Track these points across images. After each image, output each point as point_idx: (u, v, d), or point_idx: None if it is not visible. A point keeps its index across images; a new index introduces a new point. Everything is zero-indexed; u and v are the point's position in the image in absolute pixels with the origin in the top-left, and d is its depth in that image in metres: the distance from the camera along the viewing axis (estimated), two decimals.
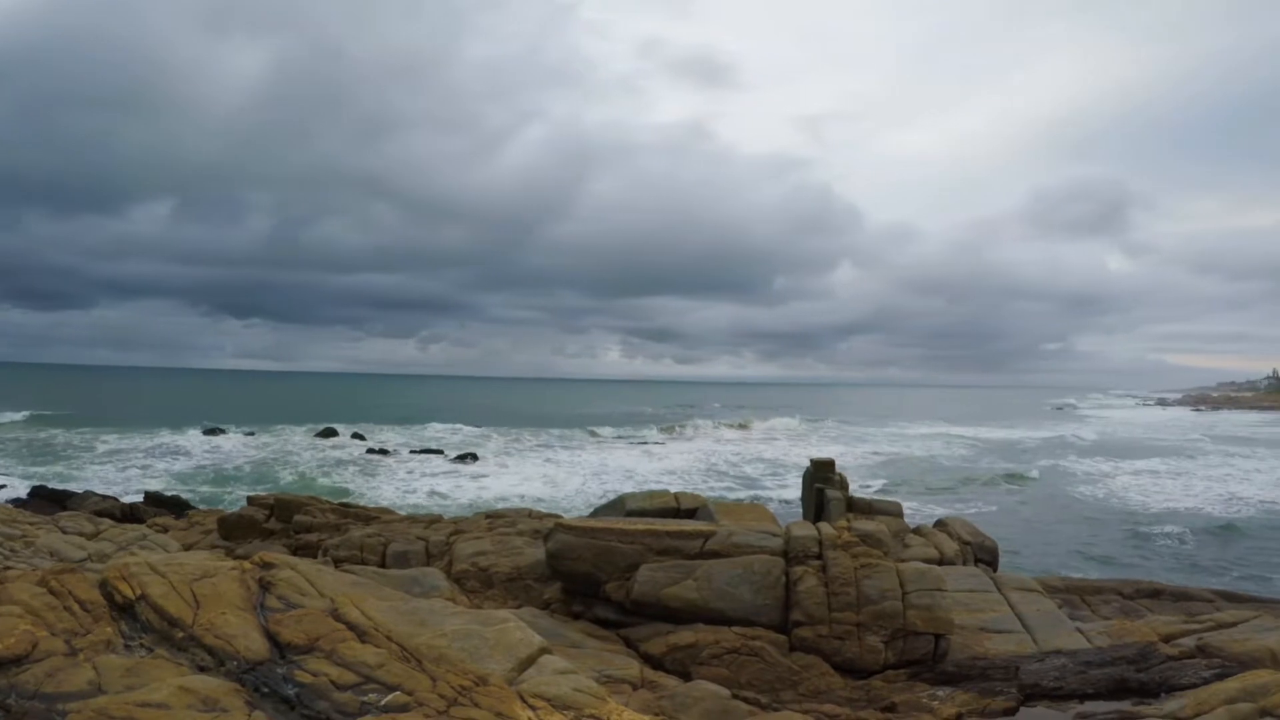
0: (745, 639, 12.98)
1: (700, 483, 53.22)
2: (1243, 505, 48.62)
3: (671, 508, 19.36)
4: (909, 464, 67.47)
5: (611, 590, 14.15)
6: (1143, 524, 41.22)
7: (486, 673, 7.63)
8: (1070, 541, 36.53)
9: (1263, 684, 11.51)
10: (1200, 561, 33.36)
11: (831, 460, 24.41)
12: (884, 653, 13.29)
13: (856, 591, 13.67)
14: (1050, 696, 12.10)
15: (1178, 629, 15.72)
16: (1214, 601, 20.83)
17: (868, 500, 23.99)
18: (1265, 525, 42.10)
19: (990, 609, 15.98)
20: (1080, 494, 51.66)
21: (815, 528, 15.03)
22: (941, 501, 46.29)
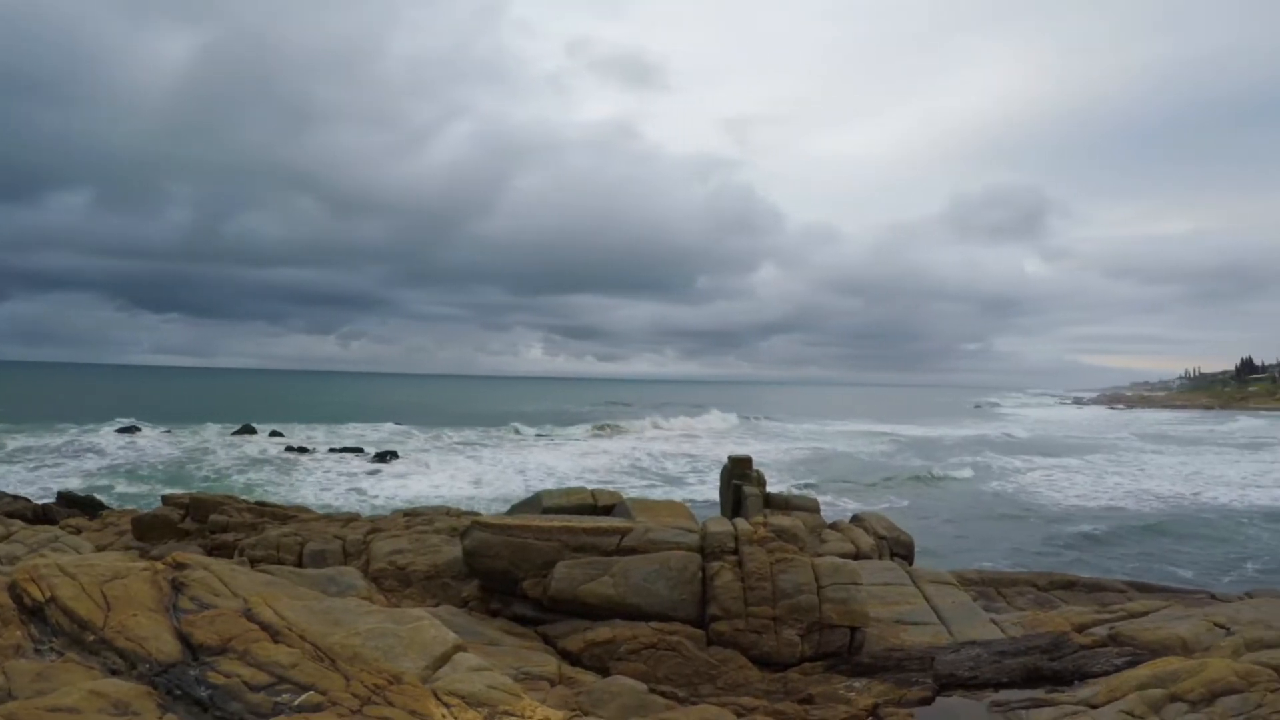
0: (662, 634, 13.06)
1: (623, 480, 53.32)
2: (1154, 500, 50.03)
3: (588, 505, 19.40)
4: (829, 461, 68.23)
5: (529, 588, 14.16)
6: (1058, 519, 42.23)
7: (400, 671, 7.60)
8: (987, 536, 37.23)
9: (1173, 670, 11.84)
10: (1113, 554, 34.17)
11: (749, 457, 24.59)
12: (800, 645, 13.46)
13: (772, 586, 13.82)
14: (965, 686, 12.32)
15: (1091, 619, 16.07)
16: (1126, 592, 21.39)
17: (785, 497, 24.22)
18: (1176, 519, 43.42)
19: (906, 602, 16.24)
20: (997, 490, 52.69)
21: (731, 524, 15.18)
22: (860, 498, 46.90)
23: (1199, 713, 10.63)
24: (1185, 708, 10.77)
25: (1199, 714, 10.59)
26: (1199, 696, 11.00)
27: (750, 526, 15.03)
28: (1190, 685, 11.26)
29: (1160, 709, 10.79)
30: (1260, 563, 33.45)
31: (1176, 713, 10.66)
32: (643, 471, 59.27)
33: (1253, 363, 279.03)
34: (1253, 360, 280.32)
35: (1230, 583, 28.83)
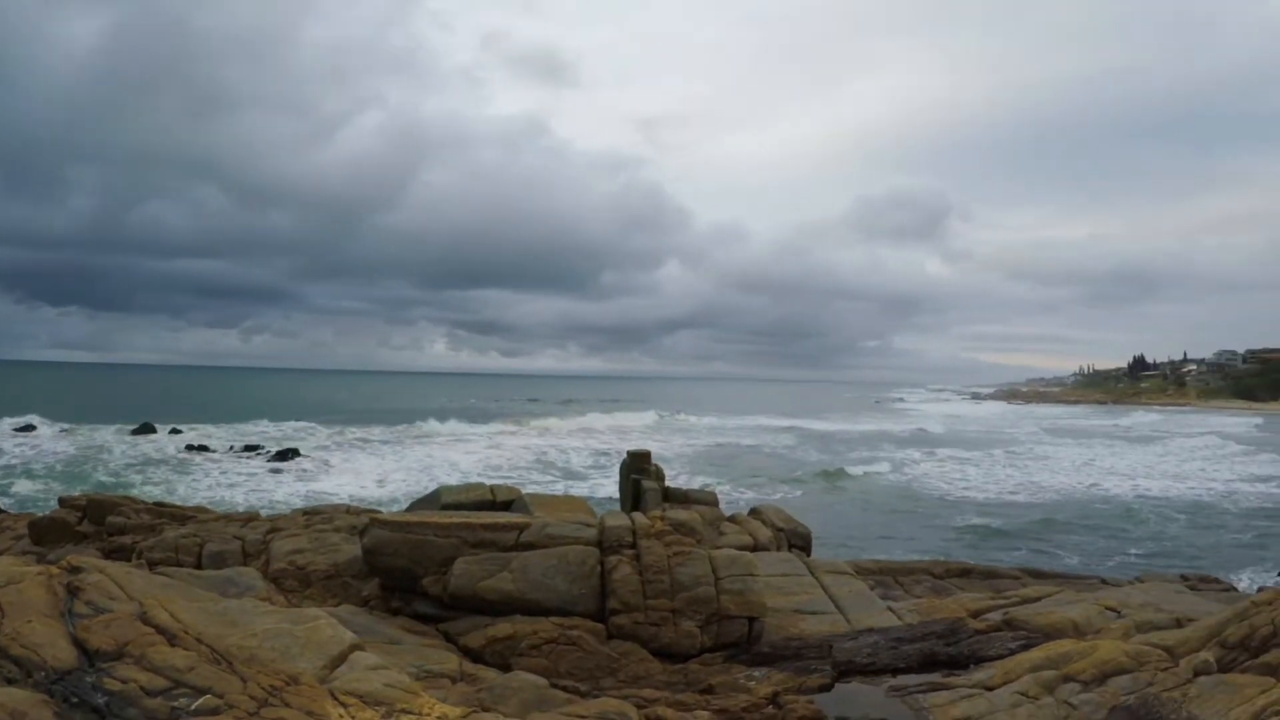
0: (563, 629, 13.06)
1: (527, 476, 53.09)
2: (1048, 491, 51.58)
3: (487, 500, 19.28)
4: (730, 455, 68.80)
5: (429, 585, 14.04)
6: (955, 510, 43.19)
7: (298, 672, 7.54)
8: (885, 527, 37.93)
9: (1065, 652, 12.19)
10: (1007, 542, 35.04)
11: (648, 452, 24.68)
12: (700, 637, 13.58)
13: (670, 579, 13.91)
14: (864, 672, 12.54)
15: (985, 604, 16.47)
16: (1020, 578, 21.92)
17: (684, 490, 24.31)
18: (1068, 508, 44.75)
19: (804, 592, 16.44)
20: (896, 482, 53.66)
21: (629, 517, 15.23)
22: (760, 490, 47.36)
23: (1091, 692, 10.95)
24: (1078, 688, 11.08)
25: (1091, 693, 10.91)
26: (1091, 677, 11.34)
27: (648, 520, 15.07)
28: (1082, 666, 11.60)
29: (1054, 689, 11.09)
30: (1143, 548, 34.86)
31: (1070, 693, 10.97)
32: (547, 467, 59.11)
33: (1145, 361, 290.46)
34: (1145, 359, 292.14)
35: (1113, 567, 30.02)
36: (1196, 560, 31.37)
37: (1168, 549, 34.86)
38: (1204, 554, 33.63)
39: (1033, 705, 10.71)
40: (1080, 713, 10.46)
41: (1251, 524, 41.16)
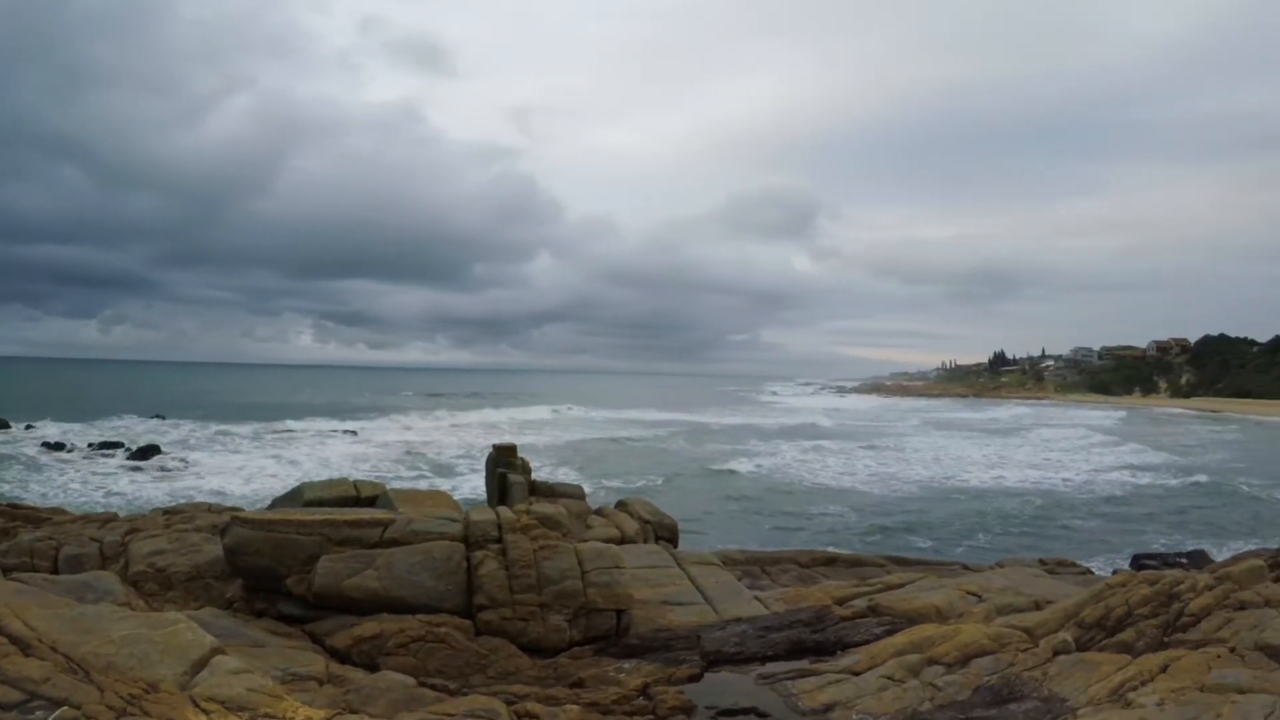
0: (430, 626, 12.93)
1: (394, 471, 52.37)
2: (909, 480, 53.30)
3: (351, 496, 18.91)
4: (599, 448, 68.92)
5: (293, 585, 13.75)
6: (820, 499, 43.98)
7: (157, 679, 7.36)
8: (752, 518, 38.48)
9: (928, 636, 12.58)
10: (874, 530, 35.83)
11: (513, 445, 24.53)
12: (568, 631, 13.62)
13: (537, 573, 13.92)
14: (732, 661, 12.73)
15: (850, 592, 16.85)
16: (885, 566, 22.49)
17: (550, 484, 24.22)
18: (926, 495, 46.33)
19: (671, 583, 16.58)
20: (762, 473, 54.41)
21: (495, 512, 15.19)
22: (627, 483, 47.51)
23: (955, 674, 11.32)
24: (942, 670, 11.45)
25: (955, 675, 11.28)
26: (954, 659, 11.73)
27: (514, 514, 15.06)
28: (946, 649, 11.99)
29: (919, 672, 11.43)
30: (991, 533, 36.26)
31: (934, 675, 11.32)
32: (415, 462, 58.34)
33: (1005, 356, 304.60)
34: (1005, 354, 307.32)
35: (963, 552, 31.22)
36: (1053, 545, 32.54)
37: (1026, 535, 36.22)
38: (1060, 539, 34.97)
39: (899, 688, 11.01)
40: (945, 694, 10.79)
41: (1106, 511, 43.27)
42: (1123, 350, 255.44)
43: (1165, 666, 10.63)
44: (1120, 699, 9.82)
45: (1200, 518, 42.14)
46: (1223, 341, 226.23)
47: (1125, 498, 48.03)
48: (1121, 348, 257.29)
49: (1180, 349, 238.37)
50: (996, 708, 10.24)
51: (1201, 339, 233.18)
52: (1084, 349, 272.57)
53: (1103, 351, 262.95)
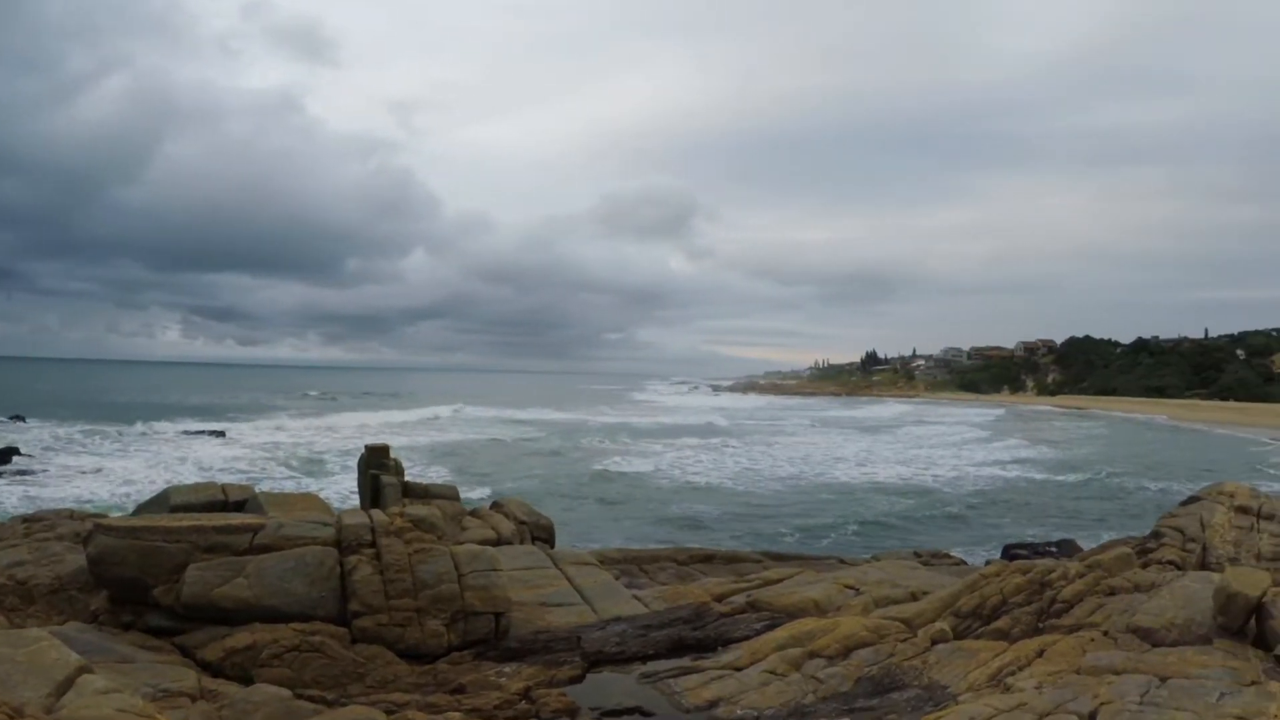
0: (304, 635, 12.56)
1: (265, 473, 50.99)
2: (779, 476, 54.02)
3: (219, 500, 18.28)
4: (473, 447, 68.24)
5: (161, 595, 13.20)
6: (694, 497, 44.28)
7: (21, 702, 6.95)
8: (629, 516, 38.52)
9: (808, 630, 12.73)
10: (747, 526, 36.22)
11: (386, 446, 24.06)
12: (446, 635, 13.37)
13: (412, 577, 13.63)
14: (614, 661, 12.70)
15: (729, 588, 16.97)
16: (762, 562, 22.72)
17: (424, 485, 23.82)
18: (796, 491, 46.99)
19: (549, 584, 16.48)
20: (639, 472, 54.47)
21: (368, 515, 14.83)
22: (502, 483, 47.10)
23: (837, 666, 11.49)
24: (823, 663, 11.60)
25: (837, 667, 11.44)
26: (835, 652, 11.90)
27: (387, 517, 14.73)
28: (826, 642, 12.15)
29: (800, 666, 11.56)
30: (856, 526, 37.07)
31: (816, 668, 11.46)
32: (285, 463, 56.93)
33: (877, 355, 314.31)
34: (877, 353, 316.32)
35: (829, 545, 31.83)
36: (925, 539, 33.24)
37: (897, 529, 36.98)
38: (933, 533, 35.76)
39: (782, 682, 11.11)
40: (828, 686, 10.92)
41: (977, 504, 44.63)
42: (991, 350, 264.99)
43: (1041, 651, 10.95)
44: (999, 684, 10.07)
45: (1068, 509, 43.82)
46: (1087, 342, 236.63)
47: (995, 491, 49.66)
48: (990, 348, 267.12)
49: (1047, 350, 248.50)
50: (879, 697, 10.40)
51: (1067, 340, 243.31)
52: (954, 349, 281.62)
53: (972, 352, 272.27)
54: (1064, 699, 9.00)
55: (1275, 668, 9.94)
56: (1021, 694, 9.34)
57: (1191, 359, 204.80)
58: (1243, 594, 11.26)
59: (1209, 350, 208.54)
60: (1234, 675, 9.58)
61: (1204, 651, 10.56)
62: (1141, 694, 9.05)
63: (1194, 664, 9.97)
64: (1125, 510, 43.04)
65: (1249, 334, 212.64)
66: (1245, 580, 11.73)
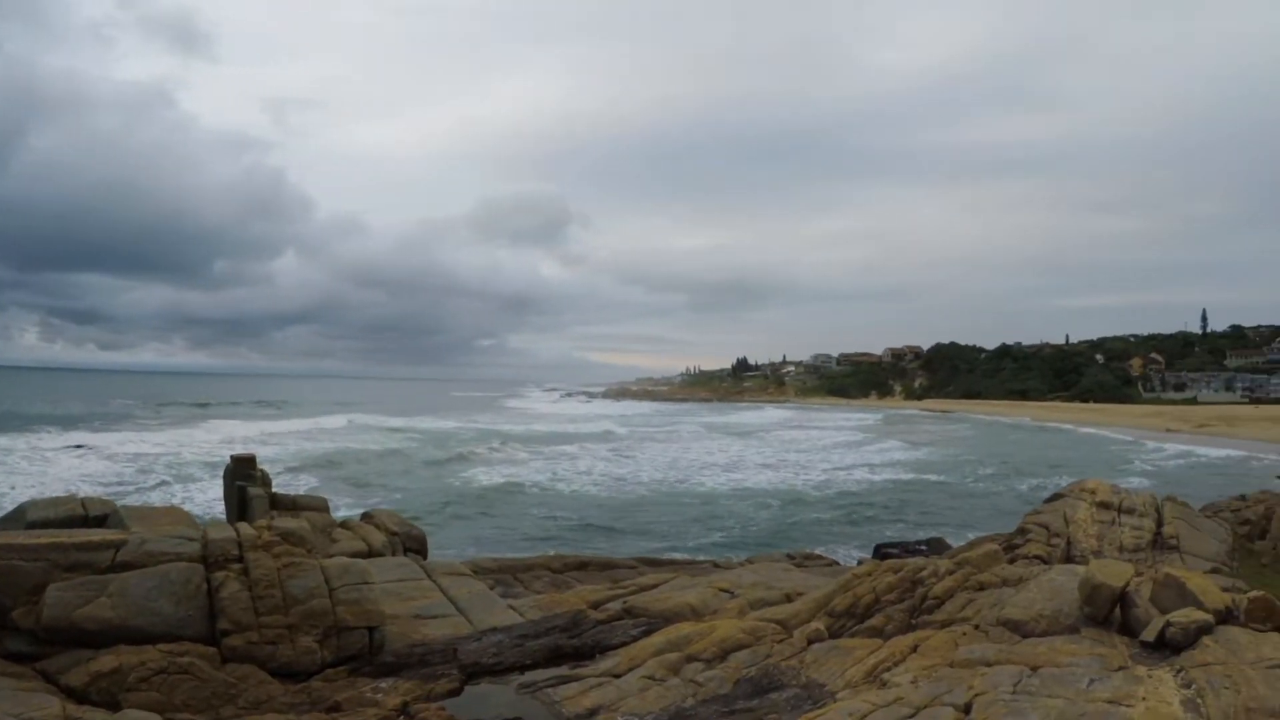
0: (172, 656, 12.14)
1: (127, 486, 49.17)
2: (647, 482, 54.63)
3: (78, 515, 17.64)
4: (343, 456, 66.77)
5: (20, 617, 12.58)
6: (566, 505, 44.24)
7: None
8: (502, 525, 38.27)
9: (685, 635, 12.82)
10: (619, 532, 36.40)
11: (252, 456, 23.53)
12: (320, 652, 13.08)
13: (282, 592, 13.31)
14: (491, 672, 12.60)
15: (605, 595, 17.07)
16: (637, 568, 22.89)
17: (292, 497, 23.38)
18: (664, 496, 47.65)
19: (423, 596, 16.32)
20: (510, 479, 54.18)
21: (234, 529, 14.45)
22: (373, 493, 46.41)
23: (715, 669, 11.60)
24: (702, 666, 11.71)
25: (715, 670, 11.56)
26: (713, 655, 12.02)
27: (254, 531, 14.37)
28: (703, 646, 12.26)
29: (679, 670, 11.64)
30: (724, 532, 37.53)
31: (694, 672, 11.55)
32: (147, 475, 54.83)
33: (747, 362, 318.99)
34: (747, 360, 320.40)
35: (695, 548, 32.22)
36: (797, 541, 33.82)
37: (767, 533, 37.55)
38: (804, 535, 36.39)
39: (661, 687, 11.17)
40: (707, 689, 11.01)
41: (847, 505, 45.67)
42: (860, 356, 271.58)
43: (915, 647, 11.22)
44: (876, 680, 10.29)
45: (937, 508, 45.27)
46: (953, 348, 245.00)
47: (865, 493, 50.90)
48: (859, 354, 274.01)
49: (914, 355, 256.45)
50: (758, 698, 10.52)
51: (934, 346, 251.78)
52: (823, 355, 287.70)
53: (841, 357, 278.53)
54: (939, 692, 9.24)
55: (1141, 653, 10.35)
56: (898, 689, 9.55)
57: (1053, 363, 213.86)
58: (1107, 585, 11.71)
59: (1069, 355, 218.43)
60: (1102, 662, 9.97)
61: (1072, 640, 10.96)
62: (1014, 684, 9.35)
63: (1063, 653, 10.33)
64: (992, 508, 44.54)
65: (1108, 339, 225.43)
66: (1109, 571, 12.20)
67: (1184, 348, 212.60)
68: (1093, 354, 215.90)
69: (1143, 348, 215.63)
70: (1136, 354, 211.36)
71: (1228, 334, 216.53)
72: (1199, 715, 8.42)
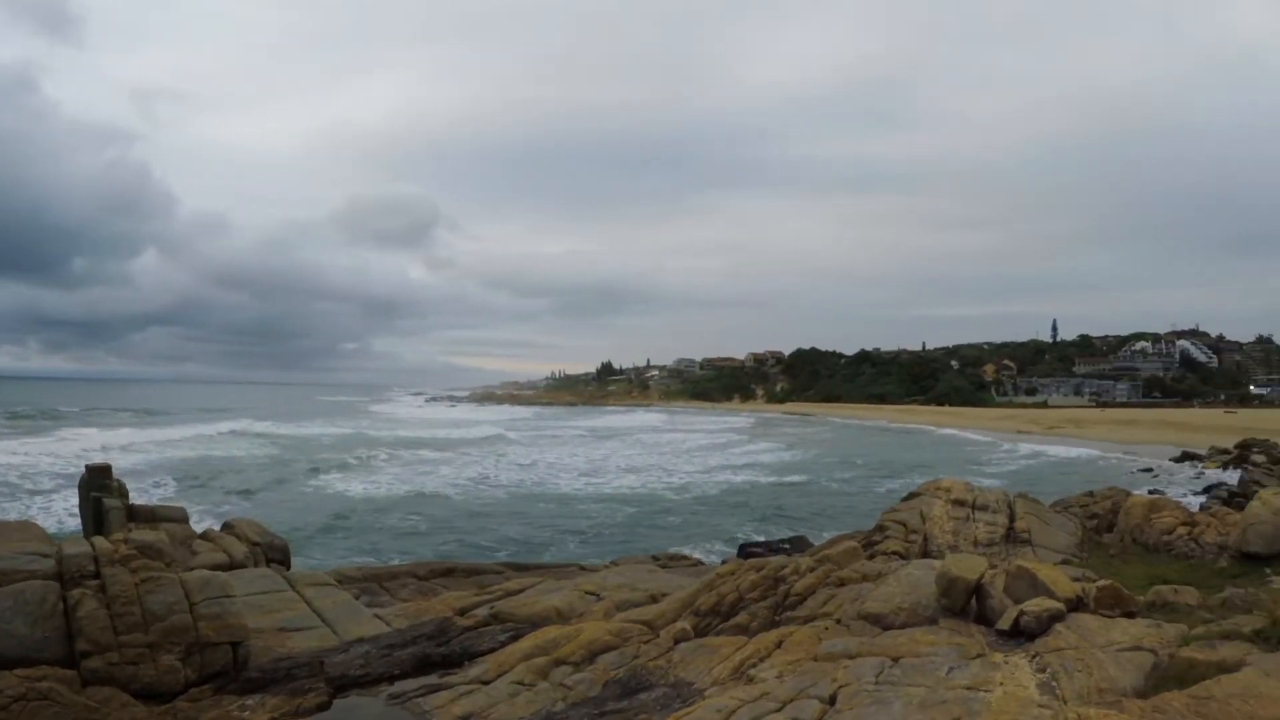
0: (30, 681, 11.60)
1: None
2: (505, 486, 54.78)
3: None
4: (202, 464, 64.87)
5: None
6: (428, 509, 43.73)
7: None
8: (365, 532, 37.65)
9: (552, 638, 12.86)
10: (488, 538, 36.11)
11: (108, 465, 22.77)
12: (183, 670, 12.67)
13: (141, 609, 12.84)
14: (360, 684, 12.43)
15: (471, 601, 17.01)
16: (503, 572, 22.80)
17: (151, 507, 22.66)
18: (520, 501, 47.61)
19: (287, 608, 16.00)
20: (373, 485, 53.43)
21: (90, 543, 13.96)
22: (234, 502, 45.25)
23: (583, 672, 11.69)
24: (570, 670, 11.78)
25: (584, 673, 11.65)
26: (581, 658, 12.10)
27: (111, 545, 13.91)
28: (571, 649, 12.33)
29: (548, 674, 11.69)
30: (579, 537, 37.49)
31: (563, 675, 11.62)
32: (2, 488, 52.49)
33: (612, 366, 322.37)
34: (612, 364, 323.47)
35: (550, 555, 32.04)
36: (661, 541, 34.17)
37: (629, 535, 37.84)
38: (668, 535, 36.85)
39: (530, 692, 11.20)
40: (576, 692, 11.08)
41: (711, 506, 46.42)
42: (723, 361, 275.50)
43: (780, 642, 11.48)
44: (742, 676, 10.50)
45: (799, 507, 46.30)
46: (814, 354, 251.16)
47: (728, 494, 51.74)
48: (722, 359, 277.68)
49: (775, 360, 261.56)
50: (628, 699, 10.62)
51: (795, 351, 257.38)
52: (687, 360, 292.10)
53: (704, 362, 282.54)
54: (804, 685, 9.48)
55: (997, 641, 10.84)
56: (764, 684, 9.76)
57: (910, 368, 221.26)
58: (962, 578, 12.18)
59: (926, 361, 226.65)
60: (960, 651, 10.39)
61: (931, 631, 11.40)
62: (876, 674, 9.69)
63: (923, 643, 10.73)
64: (852, 507, 45.75)
65: (963, 346, 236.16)
66: (964, 565, 12.70)
67: (1035, 355, 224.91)
68: (948, 360, 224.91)
69: (996, 355, 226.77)
70: (990, 360, 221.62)
71: (1076, 343, 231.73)
72: (1054, 697, 8.83)
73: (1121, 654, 9.90)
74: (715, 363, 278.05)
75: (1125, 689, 9.03)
